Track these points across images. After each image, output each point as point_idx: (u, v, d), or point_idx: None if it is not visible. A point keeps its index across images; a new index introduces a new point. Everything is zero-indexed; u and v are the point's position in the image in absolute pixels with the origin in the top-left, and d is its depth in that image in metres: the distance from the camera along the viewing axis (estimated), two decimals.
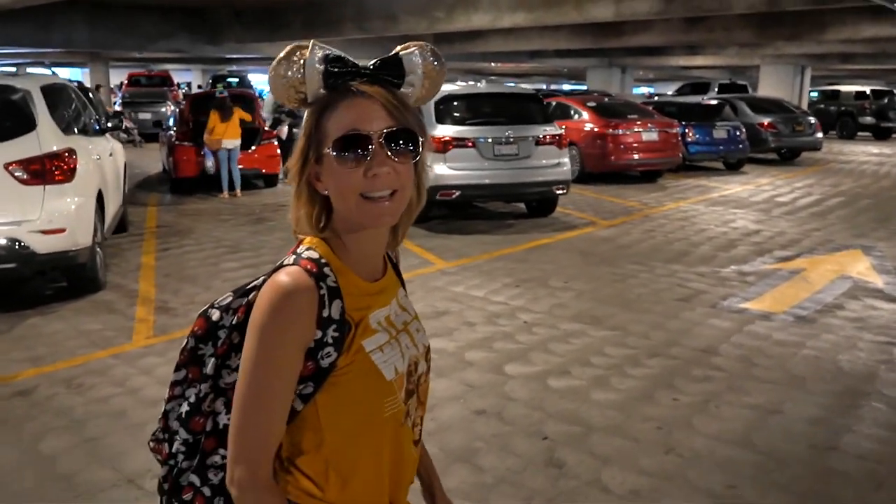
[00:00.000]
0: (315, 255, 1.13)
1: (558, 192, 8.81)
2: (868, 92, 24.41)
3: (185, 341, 1.21)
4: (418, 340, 1.26)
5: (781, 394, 4.03)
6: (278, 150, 11.66)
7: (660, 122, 12.80)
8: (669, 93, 28.30)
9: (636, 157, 12.41)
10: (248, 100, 12.21)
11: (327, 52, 1.10)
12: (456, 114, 8.61)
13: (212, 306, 1.22)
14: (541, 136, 8.59)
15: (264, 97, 26.74)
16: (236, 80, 26.00)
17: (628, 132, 12.32)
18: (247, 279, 1.27)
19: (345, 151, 1.09)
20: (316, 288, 1.08)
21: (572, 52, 21.24)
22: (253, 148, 11.29)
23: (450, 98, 8.58)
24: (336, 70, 1.10)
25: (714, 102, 15.72)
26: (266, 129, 11.85)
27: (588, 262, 7.00)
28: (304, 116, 1.14)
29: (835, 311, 5.52)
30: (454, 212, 9.42)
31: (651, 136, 12.49)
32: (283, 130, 11.85)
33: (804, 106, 22.32)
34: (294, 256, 1.13)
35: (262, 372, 1.07)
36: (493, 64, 27.81)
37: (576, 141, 12.59)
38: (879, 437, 3.55)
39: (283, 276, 1.09)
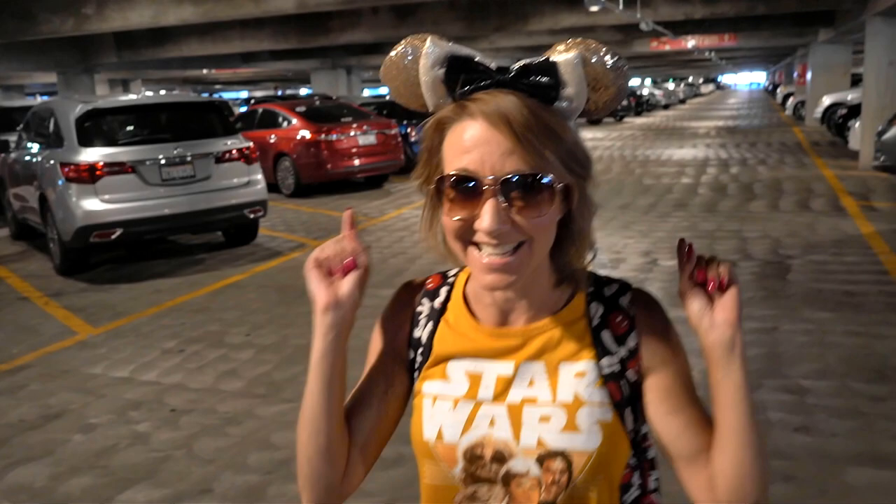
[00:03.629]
0: (453, 272, 1.01)
1: (253, 215, 7.43)
2: None
3: None
4: (527, 429, 0.88)
5: None
6: None
7: (377, 124, 11.96)
8: None
9: (356, 162, 11.45)
10: None
11: (447, 51, 0.83)
12: (106, 132, 6.87)
13: None
14: (223, 152, 7.18)
15: None
16: None
17: (343, 137, 11.31)
18: None
19: (449, 194, 0.83)
20: (413, 304, 0.99)
21: (290, 54, 19.95)
22: None
23: (95, 113, 6.80)
24: (457, 77, 0.82)
25: None
26: None
27: (284, 300, 5.77)
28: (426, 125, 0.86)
29: None
30: (133, 252, 7.70)
31: (369, 139, 11.60)
32: None
33: None
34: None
35: None
36: (206, 71, 25.47)
37: (287, 151, 11.38)
38: None
39: (409, 279, 1.03)
